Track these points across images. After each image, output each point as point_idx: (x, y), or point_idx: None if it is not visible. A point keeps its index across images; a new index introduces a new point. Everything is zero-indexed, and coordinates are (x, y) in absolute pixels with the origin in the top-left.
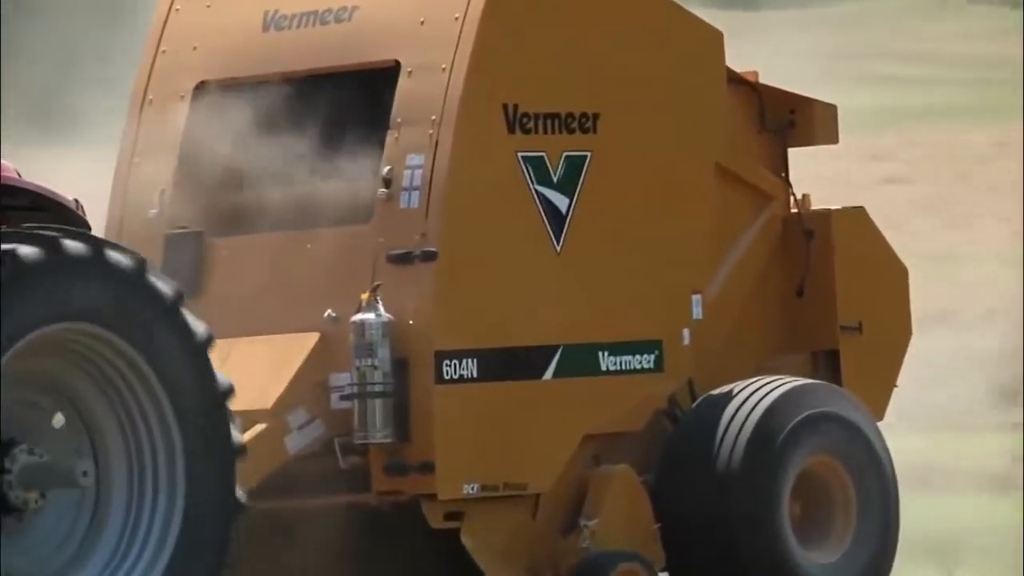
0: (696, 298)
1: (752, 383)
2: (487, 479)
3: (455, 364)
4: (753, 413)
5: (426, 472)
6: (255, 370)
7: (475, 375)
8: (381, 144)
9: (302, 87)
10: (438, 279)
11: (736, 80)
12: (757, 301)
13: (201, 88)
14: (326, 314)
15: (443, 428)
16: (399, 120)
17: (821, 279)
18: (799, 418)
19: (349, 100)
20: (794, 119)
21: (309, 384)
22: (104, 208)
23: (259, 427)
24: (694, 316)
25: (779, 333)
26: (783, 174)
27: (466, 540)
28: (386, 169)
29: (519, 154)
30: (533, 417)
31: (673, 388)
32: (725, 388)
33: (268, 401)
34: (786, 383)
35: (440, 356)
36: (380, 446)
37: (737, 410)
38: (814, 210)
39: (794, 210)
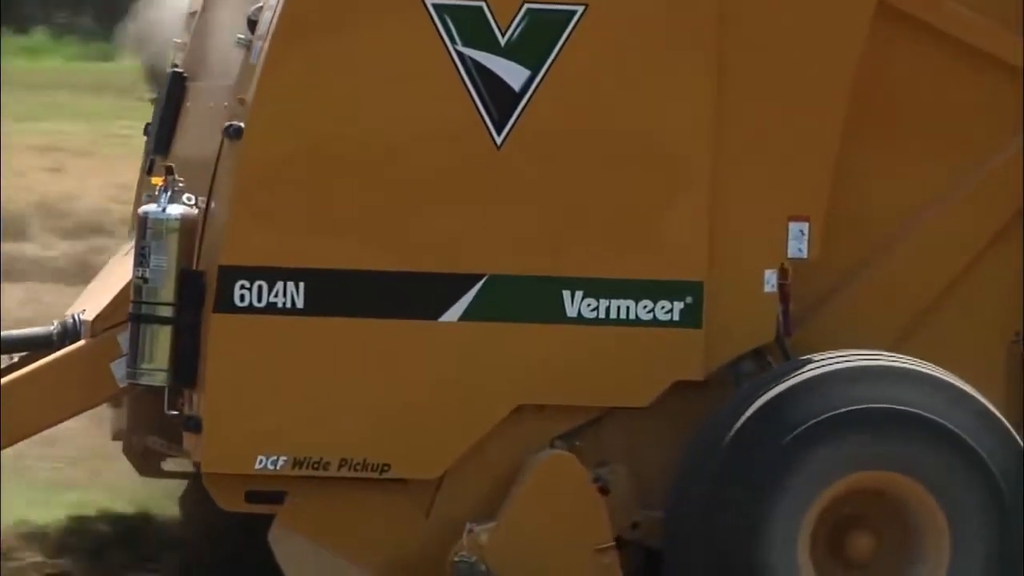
0: (797, 227)
1: (818, 358)
2: (307, 452)
3: (259, 287)
4: (758, 402)
5: (194, 432)
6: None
7: (299, 305)
8: None
9: None
10: (240, 164)
11: None
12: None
13: None
14: (189, 202)
15: (218, 373)
16: None
17: None
18: (825, 416)
19: None
20: None
21: None
22: None
23: (75, 346)
24: (791, 253)
25: None
26: None
27: (276, 536)
28: (253, 8)
29: (429, 1)
30: (416, 372)
31: (724, 353)
32: (804, 358)
33: (92, 312)
34: (853, 361)
35: (228, 273)
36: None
37: (757, 395)
38: None
39: None
